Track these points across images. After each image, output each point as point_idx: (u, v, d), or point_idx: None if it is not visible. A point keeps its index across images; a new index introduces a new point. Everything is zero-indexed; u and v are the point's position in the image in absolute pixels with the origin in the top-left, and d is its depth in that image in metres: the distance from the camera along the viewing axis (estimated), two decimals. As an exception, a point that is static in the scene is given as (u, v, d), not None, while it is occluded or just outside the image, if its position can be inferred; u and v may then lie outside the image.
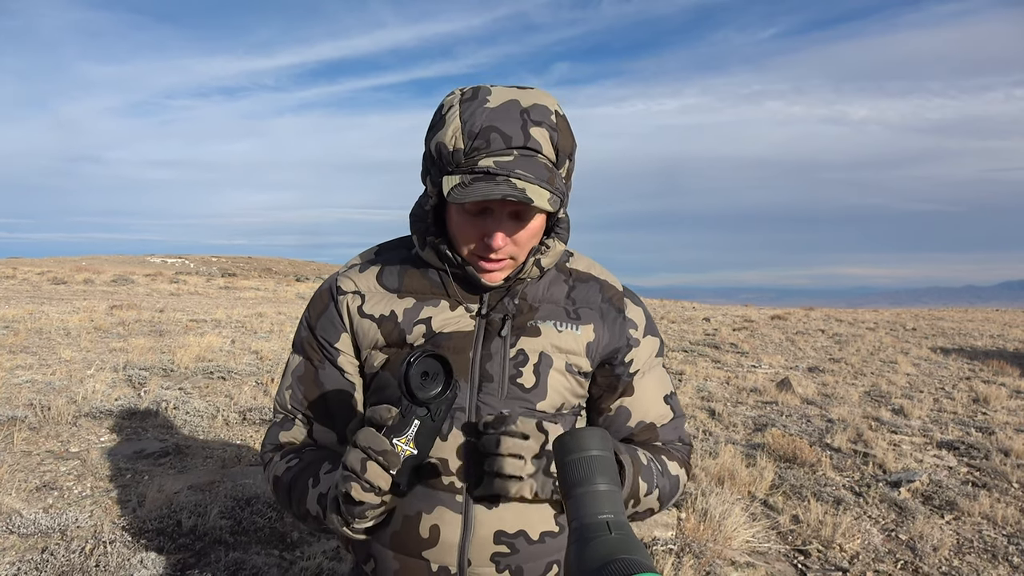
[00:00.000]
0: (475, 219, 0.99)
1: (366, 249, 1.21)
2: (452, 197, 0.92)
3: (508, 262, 1.04)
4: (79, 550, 2.50)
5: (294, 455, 1.12)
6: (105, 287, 17.66)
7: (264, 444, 1.19)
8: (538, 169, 0.94)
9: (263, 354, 7.04)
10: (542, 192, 0.92)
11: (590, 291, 1.14)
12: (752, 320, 15.90)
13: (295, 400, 1.16)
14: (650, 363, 1.17)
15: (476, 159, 0.93)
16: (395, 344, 1.08)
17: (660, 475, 1.09)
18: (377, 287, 1.12)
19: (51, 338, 7.31)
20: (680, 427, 1.21)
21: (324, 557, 2.66)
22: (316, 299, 1.17)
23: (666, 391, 1.19)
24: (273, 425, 1.19)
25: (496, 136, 0.93)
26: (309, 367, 1.15)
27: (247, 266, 48.09)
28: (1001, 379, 8.32)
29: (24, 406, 4.31)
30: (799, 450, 4.52)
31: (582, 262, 1.18)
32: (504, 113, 0.94)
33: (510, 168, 0.92)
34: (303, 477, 1.06)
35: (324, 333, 1.13)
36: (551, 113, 0.97)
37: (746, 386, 7.18)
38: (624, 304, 1.16)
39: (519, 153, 0.94)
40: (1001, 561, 3.19)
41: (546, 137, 0.95)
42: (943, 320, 18.65)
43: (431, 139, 0.98)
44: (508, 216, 0.99)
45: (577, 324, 1.09)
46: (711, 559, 2.89)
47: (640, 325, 1.16)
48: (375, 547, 1.08)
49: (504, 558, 1.03)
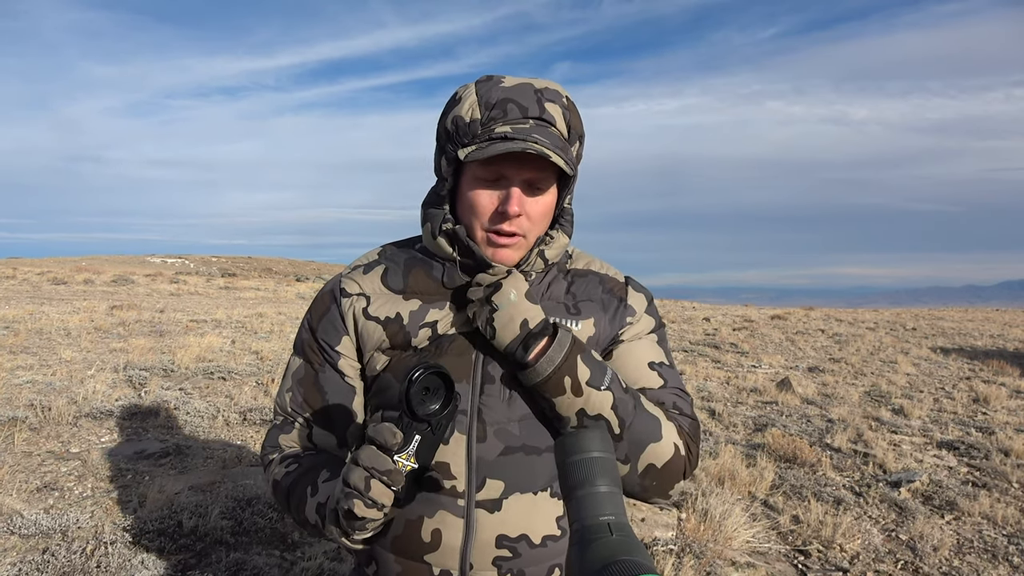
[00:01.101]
0: (491, 186, 1.01)
1: (370, 250, 1.20)
2: (471, 156, 0.95)
3: (520, 240, 1.04)
4: (80, 551, 2.50)
5: (293, 460, 1.11)
6: (105, 287, 17.66)
7: (264, 446, 1.19)
8: (553, 138, 0.97)
9: (263, 354, 7.04)
10: (558, 156, 0.94)
11: (589, 285, 1.14)
12: (752, 320, 15.90)
13: (295, 403, 1.15)
14: (639, 336, 1.14)
15: (493, 127, 0.97)
16: (400, 347, 1.08)
17: (619, 387, 1.01)
18: (382, 288, 1.11)
19: (51, 338, 7.32)
20: (677, 397, 1.11)
21: (325, 558, 2.66)
22: (318, 301, 1.16)
23: (653, 359, 1.13)
24: (273, 427, 1.19)
25: (513, 106, 0.97)
26: (309, 370, 1.14)
27: (247, 266, 48.09)
28: (1001, 379, 8.32)
29: (25, 407, 4.31)
30: (799, 450, 4.52)
31: (581, 260, 1.18)
32: (519, 90, 0.99)
33: (527, 133, 0.95)
34: (301, 483, 1.05)
35: (325, 336, 1.12)
36: (562, 96, 1.01)
37: (746, 386, 7.18)
38: (626, 292, 1.15)
39: (535, 122, 0.98)
40: (1001, 561, 3.19)
41: (559, 113, 1.00)
42: (943, 320, 18.66)
43: (447, 116, 1.01)
44: (524, 184, 1.01)
45: (577, 319, 1.09)
46: (711, 559, 2.89)
47: (639, 309, 1.15)
48: (377, 550, 1.08)
49: (506, 562, 1.03)
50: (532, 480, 1.03)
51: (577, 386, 0.98)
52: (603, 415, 1.00)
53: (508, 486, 1.02)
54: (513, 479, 1.02)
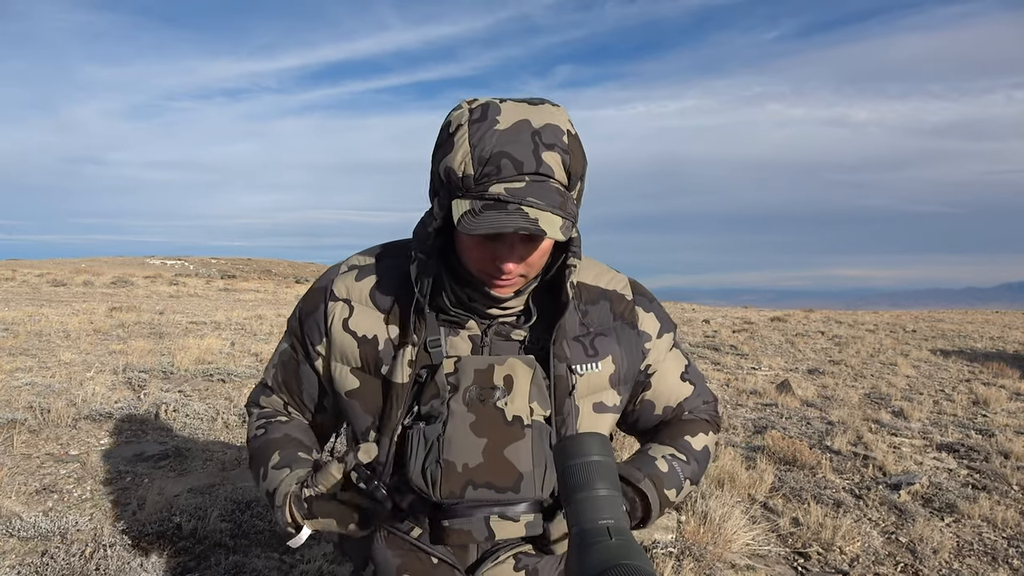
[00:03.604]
0: (486, 242, 0.97)
1: (369, 248, 1.18)
2: (463, 227, 0.89)
3: (519, 279, 1.02)
4: (79, 553, 2.49)
5: (264, 425, 1.20)
6: (104, 289, 17.65)
7: (248, 400, 1.28)
8: (550, 195, 0.91)
9: (263, 356, 7.03)
10: (554, 220, 0.89)
11: (601, 312, 1.13)
12: (752, 322, 15.90)
13: (276, 380, 1.21)
14: (662, 356, 1.19)
15: (486, 185, 0.90)
16: (369, 371, 1.08)
17: (685, 465, 1.13)
18: (368, 302, 1.10)
19: (50, 340, 7.31)
20: (703, 392, 1.26)
21: (324, 560, 2.65)
22: (311, 295, 1.16)
23: (681, 369, 1.23)
24: (260, 385, 1.26)
25: (507, 162, 0.90)
26: (293, 357, 1.18)
27: (246, 268, 48.09)
28: (1001, 381, 8.32)
29: (24, 408, 4.31)
30: (799, 452, 4.51)
31: (590, 271, 1.16)
32: (515, 135, 0.90)
33: (521, 195, 0.89)
34: (259, 458, 1.14)
35: (309, 333, 1.13)
36: (563, 134, 0.93)
37: (746, 388, 7.18)
38: (635, 317, 1.15)
39: (531, 179, 0.91)
40: (1001, 564, 3.19)
41: (558, 161, 0.92)
42: (943, 322, 18.65)
43: (439, 161, 0.95)
44: (519, 241, 0.97)
45: (595, 360, 1.09)
46: (711, 562, 2.89)
47: (653, 332, 1.16)
48: (375, 550, 1.08)
49: (527, 557, 1.08)
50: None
51: (671, 504, 1.11)
52: (687, 493, 1.14)
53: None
54: None
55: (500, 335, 1.07)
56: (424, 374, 1.04)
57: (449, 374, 1.02)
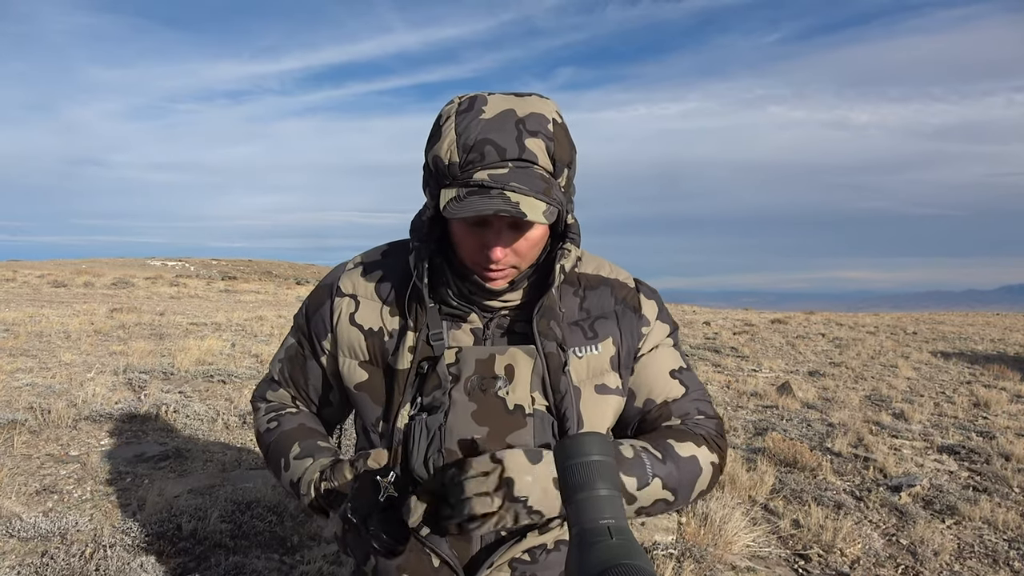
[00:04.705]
0: (474, 229, 0.98)
1: (374, 247, 1.19)
2: (447, 212, 0.92)
3: (511, 271, 1.03)
4: (79, 554, 2.49)
5: (275, 417, 1.20)
6: (105, 290, 17.66)
7: (255, 394, 1.27)
8: (533, 181, 0.92)
9: (263, 357, 7.04)
10: (537, 204, 0.90)
11: (602, 297, 1.12)
12: (752, 324, 15.89)
13: (283, 375, 1.22)
14: (657, 345, 1.15)
15: (471, 172, 0.92)
16: (376, 363, 1.08)
17: (658, 462, 1.01)
18: (374, 295, 1.11)
19: (51, 341, 7.32)
20: (699, 400, 1.14)
21: (324, 561, 2.65)
22: (317, 292, 1.17)
23: (673, 367, 1.14)
24: (266, 379, 1.26)
25: (491, 149, 0.91)
26: (299, 352, 1.19)
27: (247, 269, 48.10)
28: (1002, 383, 8.31)
29: (24, 409, 4.31)
30: (799, 454, 4.51)
31: (591, 264, 1.17)
32: (499, 124, 0.92)
33: (504, 181, 0.90)
34: (276, 450, 1.14)
35: (316, 330, 1.14)
36: (548, 122, 0.94)
37: (746, 390, 7.17)
38: (639, 302, 1.14)
39: (514, 165, 0.92)
40: (1002, 566, 3.19)
41: (542, 148, 0.93)
42: (944, 324, 18.65)
43: (429, 151, 0.97)
44: (506, 227, 0.97)
45: (595, 343, 1.08)
46: (711, 564, 2.89)
47: (652, 317, 1.15)
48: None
49: (522, 564, 1.06)
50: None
51: (631, 497, 0.98)
52: (659, 499, 1.01)
53: None
54: None
55: (502, 328, 1.08)
56: (426, 366, 1.04)
57: (450, 364, 1.03)
